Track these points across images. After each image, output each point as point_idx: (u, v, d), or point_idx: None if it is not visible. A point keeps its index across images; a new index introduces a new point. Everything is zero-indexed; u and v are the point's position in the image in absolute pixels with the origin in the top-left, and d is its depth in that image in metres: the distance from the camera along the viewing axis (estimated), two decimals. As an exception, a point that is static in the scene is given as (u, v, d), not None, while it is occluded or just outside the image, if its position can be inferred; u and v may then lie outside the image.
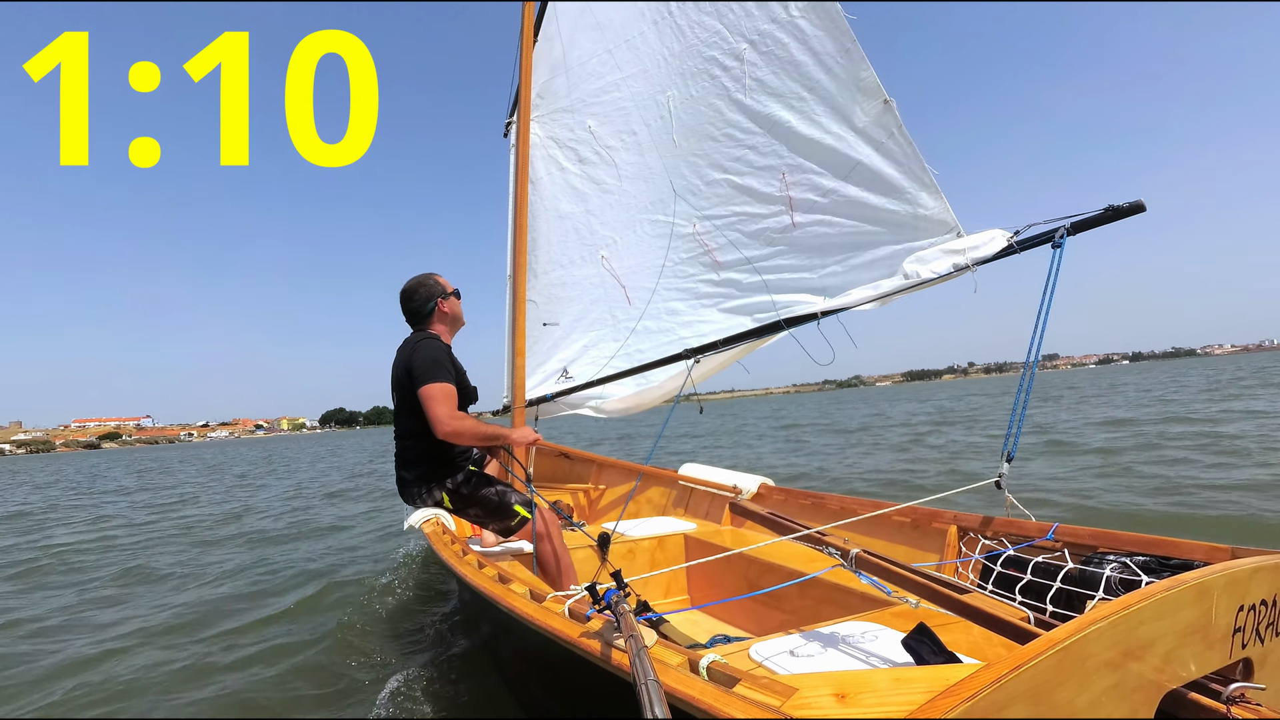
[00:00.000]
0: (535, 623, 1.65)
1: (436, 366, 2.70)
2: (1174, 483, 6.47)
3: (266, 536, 7.45)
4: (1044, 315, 2.43)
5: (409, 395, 2.76)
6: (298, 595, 4.60)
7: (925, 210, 3.13)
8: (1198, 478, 6.62)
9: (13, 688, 3.18)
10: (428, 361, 2.71)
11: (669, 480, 4.30)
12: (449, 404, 2.66)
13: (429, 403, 2.64)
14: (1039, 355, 2.45)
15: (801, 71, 3.46)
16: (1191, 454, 8.14)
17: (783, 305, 3.67)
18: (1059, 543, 2.25)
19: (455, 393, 2.72)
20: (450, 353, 2.90)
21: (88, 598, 5.02)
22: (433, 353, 2.75)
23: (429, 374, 2.67)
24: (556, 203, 4.80)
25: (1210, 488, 6.08)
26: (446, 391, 2.67)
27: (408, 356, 2.79)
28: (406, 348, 2.86)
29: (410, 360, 2.75)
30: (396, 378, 2.85)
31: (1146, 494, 6.12)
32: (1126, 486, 6.55)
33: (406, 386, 2.77)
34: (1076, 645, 0.96)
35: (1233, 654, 1.24)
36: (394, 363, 2.90)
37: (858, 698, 0.96)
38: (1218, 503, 5.48)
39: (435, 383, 2.66)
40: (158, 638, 3.83)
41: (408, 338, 2.95)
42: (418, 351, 2.76)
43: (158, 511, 11.13)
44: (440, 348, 2.82)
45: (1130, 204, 2.51)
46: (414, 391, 2.70)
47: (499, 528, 2.91)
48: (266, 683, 3.08)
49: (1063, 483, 6.98)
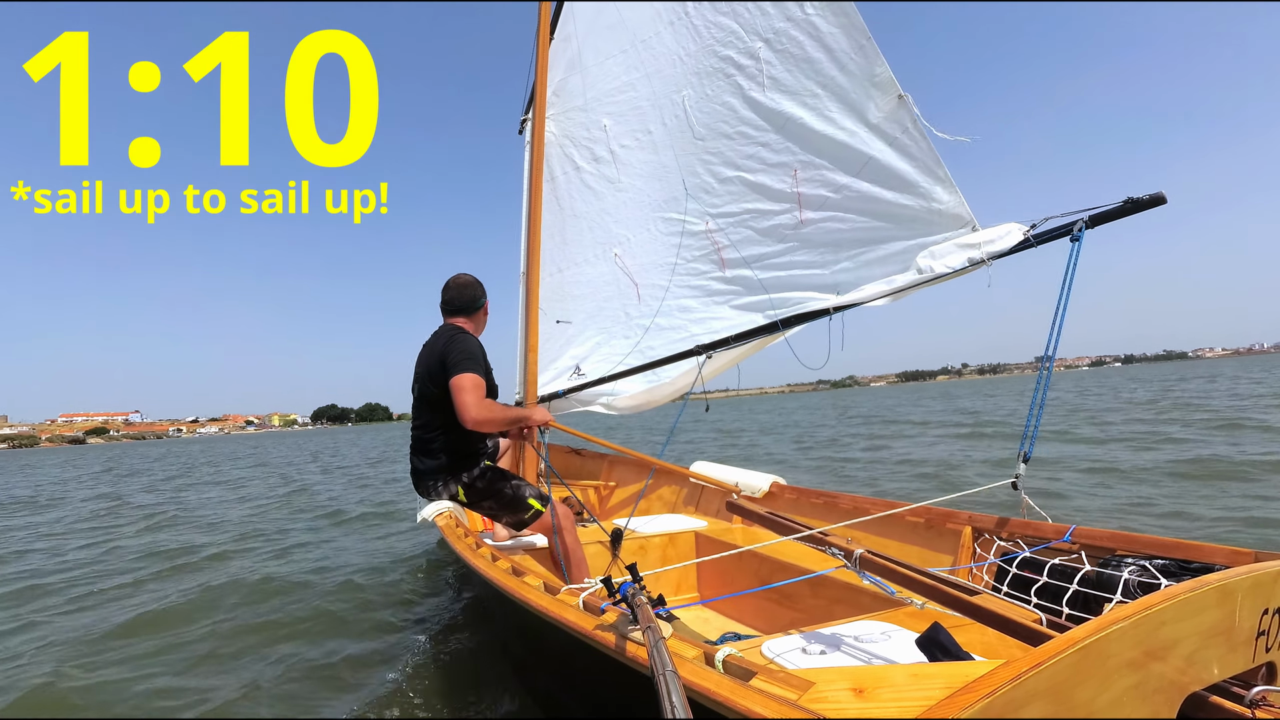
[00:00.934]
0: (550, 615, 1.66)
1: (472, 359, 2.77)
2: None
3: (264, 533, 7.52)
4: (1062, 310, 2.41)
5: (438, 385, 2.81)
6: (306, 589, 4.63)
7: (940, 205, 3.11)
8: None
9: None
10: (465, 353, 2.78)
11: (680, 477, 4.30)
12: (479, 394, 2.72)
13: (459, 392, 2.69)
14: (1055, 351, 2.43)
15: (816, 68, 3.45)
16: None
17: (795, 302, 3.66)
18: (1076, 545, 2.22)
19: (485, 385, 2.78)
20: (483, 349, 2.97)
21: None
22: (470, 345, 2.84)
23: (464, 364, 2.74)
24: (571, 201, 4.82)
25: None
26: (477, 383, 2.73)
27: (444, 346, 2.83)
28: (442, 338, 2.90)
29: (446, 349, 2.81)
30: (428, 367, 2.88)
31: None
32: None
33: (438, 376, 2.81)
34: (1098, 644, 0.95)
35: (1256, 657, 1.22)
36: (423, 352, 2.94)
37: (875, 692, 0.95)
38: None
39: (469, 373, 2.72)
40: (144, 631, 3.85)
41: (440, 329, 3.00)
42: (455, 342, 2.82)
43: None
44: (475, 342, 2.91)
45: (1150, 196, 2.47)
46: (444, 381, 2.76)
47: (512, 521, 2.93)
48: (272, 677, 3.09)
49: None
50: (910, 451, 11.34)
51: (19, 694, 2.93)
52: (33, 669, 3.28)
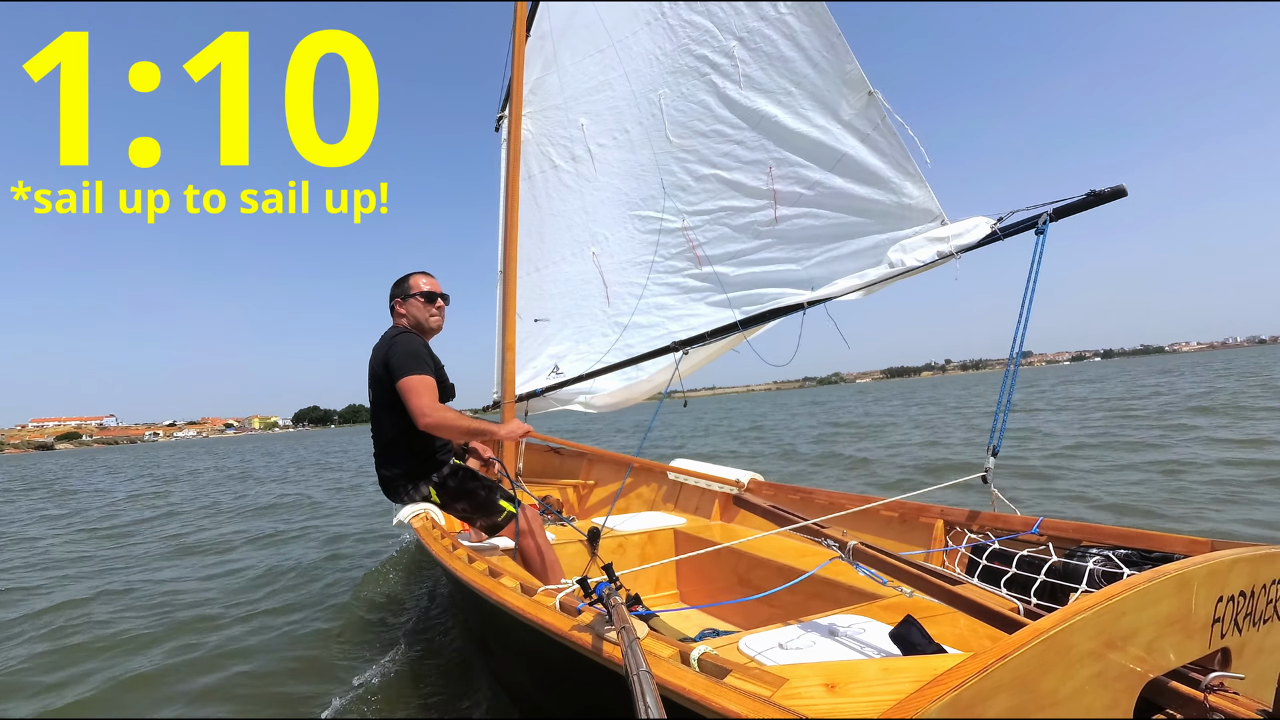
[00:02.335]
0: (526, 616, 1.65)
1: (415, 359, 2.66)
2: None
3: (251, 537, 7.39)
4: (1028, 302, 2.46)
5: (387, 390, 2.71)
6: (284, 591, 4.56)
7: (910, 200, 3.16)
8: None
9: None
10: (405, 354, 2.67)
11: (659, 475, 4.31)
12: (430, 395, 2.62)
13: (409, 395, 2.60)
14: (1023, 344, 2.48)
15: (789, 67, 3.48)
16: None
17: (770, 298, 3.70)
18: (1043, 536, 2.28)
19: (435, 385, 2.68)
20: (428, 347, 2.86)
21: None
22: (410, 346, 2.71)
23: (407, 366, 2.63)
24: (549, 199, 4.80)
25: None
26: (426, 383, 2.63)
27: (384, 350, 2.74)
28: (383, 342, 2.82)
29: (387, 354, 2.71)
30: (374, 373, 2.80)
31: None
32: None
33: (384, 380, 2.72)
34: (1061, 635, 0.98)
35: (1212, 644, 1.26)
36: (370, 358, 2.86)
37: (847, 687, 0.97)
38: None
39: (414, 374, 2.62)
40: (138, 640, 3.78)
41: (385, 332, 2.91)
42: (395, 345, 2.71)
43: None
44: (417, 341, 2.77)
45: (1112, 189, 2.53)
46: (392, 385, 2.66)
47: (485, 524, 2.89)
48: (248, 680, 3.05)
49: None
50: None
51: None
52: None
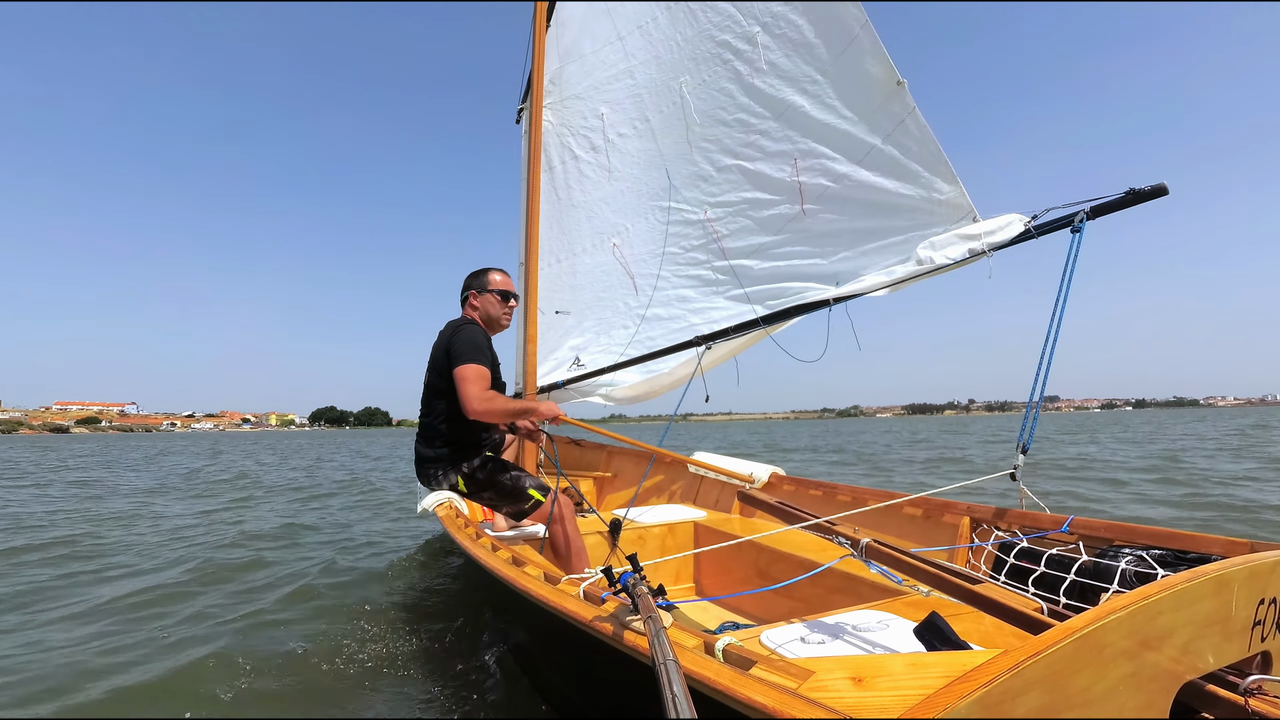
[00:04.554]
0: (550, 605, 1.66)
1: (476, 349, 2.83)
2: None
3: (261, 532, 7.53)
4: (1062, 299, 2.40)
5: (443, 375, 2.88)
6: (304, 580, 4.65)
7: (941, 195, 3.09)
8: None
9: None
10: (468, 344, 2.83)
11: (680, 468, 4.30)
12: (482, 385, 2.77)
13: (463, 382, 2.75)
14: (1056, 342, 2.42)
15: (814, 54, 3.42)
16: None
17: (794, 292, 3.65)
18: (1074, 535, 2.23)
19: (489, 376, 2.83)
20: (490, 340, 3.01)
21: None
22: (474, 336, 2.88)
23: (467, 355, 2.80)
24: (569, 191, 4.79)
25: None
26: (480, 373, 2.79)
27: (449, 337, 2.92)
28: (448, 330, 3.00)
29: (451, 341, 2.89)
30: (434, 358, 2.97)
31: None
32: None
33: (442, 366, 2.89)
34: (1094, 634, 0.96)
35: (1251, 646, 1.23)
36: (435, 343, 3.03)
37: (874, 681, 0.96)
38: None
39: (472, 364, 2.78)
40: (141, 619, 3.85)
41: (450, 322, 3.09)
42: (459, 334, 2.89)
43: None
44: (480, 333, 2.94)
45: (1152, 187, 2.46)
46: (448, 371, 2.83)
47: (512, 511, 2.94)
48: (272, 670, 3.09)
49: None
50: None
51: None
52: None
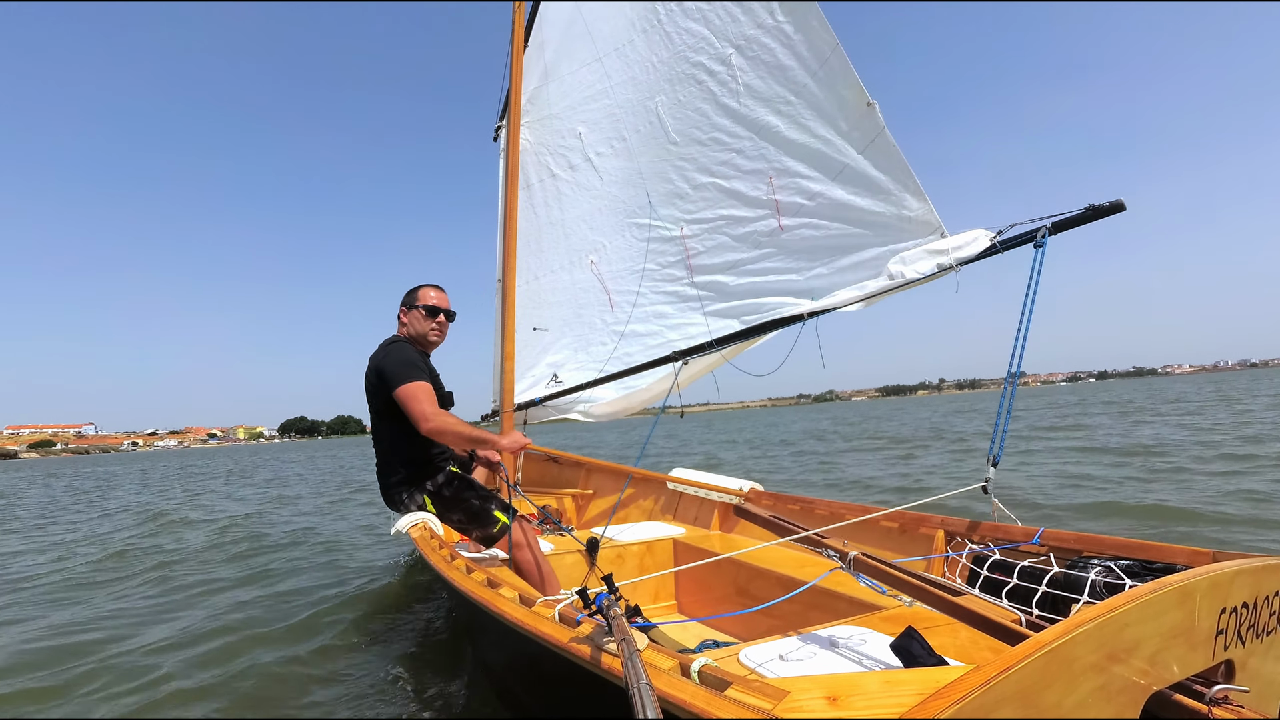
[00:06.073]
0: (525, 627, 1.64)
1: (410, 366, 2.71)
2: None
3: (247, 551, 7.34)
4: (1027, 314, 2.46)
5: (382, 399, 2.76)
6: (280, 600, 4.53)
7: (910, 212, 3.16)
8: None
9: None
10: (400, 362, 2.72)
11: (658, 485, 4.29)
12: (430, 400, 2.66)
13: (409, 402, 2.64)
14: (1022, 359, 2.48)
15: (788, 75, 3.50)
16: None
17: (769, 307, 3.69)
18: (1044, 547, 2.27)
19: (433, 390, 2.73)
20: (424, 356, 2.91)
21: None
22: (403, 354, 2.76)
23: (403, 374, 2.68)
24: (547, 208, 4.81)
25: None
26: (424, 389, 2.68)
27: (378, 361, 2.80)
28: (379, 351, 2.88)
29: (381, 364, 2.77)
30: (368, 381, 2.85)
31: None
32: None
33: (378, 389, 2.77)
34: (1064, 648, 0.97)
35: (1215, 656, 1.26)
36: (366, 368, 2.90)
37: (849, 700, 0.96)
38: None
39: (411, 382, 2.67)
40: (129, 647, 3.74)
41: (382, 341, 2.97)
42: (389, 355, 2.77)
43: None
44: (410, 349, 2.82)
45: (1110, 203, 2.55)
46: (387, 394, 2.70)
47: (480, 535, 2.88)
48: (241, 691, 3.01)
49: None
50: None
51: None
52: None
